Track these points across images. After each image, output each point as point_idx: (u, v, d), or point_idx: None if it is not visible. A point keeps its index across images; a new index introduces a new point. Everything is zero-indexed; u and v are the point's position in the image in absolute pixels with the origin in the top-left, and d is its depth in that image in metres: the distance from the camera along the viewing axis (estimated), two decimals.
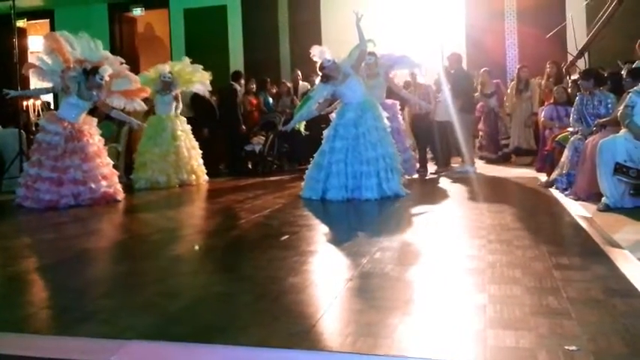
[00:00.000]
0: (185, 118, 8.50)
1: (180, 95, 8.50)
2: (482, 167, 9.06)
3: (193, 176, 8.28)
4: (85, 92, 6.63)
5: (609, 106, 6.02)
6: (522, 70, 9.62)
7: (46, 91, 7.49)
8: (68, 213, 6.03)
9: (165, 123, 8.22)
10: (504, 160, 9.81)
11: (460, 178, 7.92)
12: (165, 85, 8.32)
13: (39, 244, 4.75)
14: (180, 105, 8.52)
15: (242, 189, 7.73)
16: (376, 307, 2.65)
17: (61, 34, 6.86)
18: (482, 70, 9.91)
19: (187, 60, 8.60)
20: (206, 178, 8.48)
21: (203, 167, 8.47)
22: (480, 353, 2.11)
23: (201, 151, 8.48)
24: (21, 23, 13.75)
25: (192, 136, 8.43)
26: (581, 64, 9.05)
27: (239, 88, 9.85)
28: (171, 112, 8.34)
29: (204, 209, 6.67)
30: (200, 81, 8.59)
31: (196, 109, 9.49)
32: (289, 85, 10.88)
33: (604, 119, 5.78)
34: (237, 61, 13.15)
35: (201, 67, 8.66)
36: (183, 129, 8.35)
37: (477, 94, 9.57)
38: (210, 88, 8.86)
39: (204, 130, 9.20)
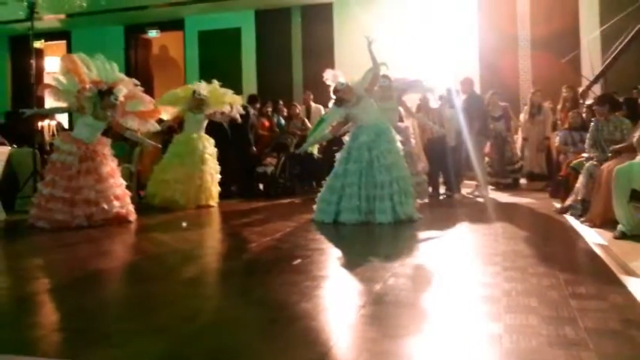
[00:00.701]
0: (213, 141, 8.43)
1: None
2: (494, 193, 9.00)
3: (210, 200, 8.24)
4: (100, 112, 6.68)
5: (624, 131, 5.98)
6: (535, 95, 9.60)
7: (62, 110, 7.56)
8: (80, 233, 6.04)
9: (195, 143, 8.17)
10: (514, 186, 9.65)
11: (473, 203, 7.88)
12: (199, 104, 8.30)
13: (51, 264, 4.75)
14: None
15: (253, 211, 7.72)
16: (389, 335, 2.61)
17: (78, 56, 6.94)
18: (490, 92, 9.80)
19: (216, 83, 8.58)
20: (217, 200, 8.43)
21: (218, 190, 8.42)
22: None
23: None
24: (38, 44, 13.98)
25: (216, 160, 8.38)
26: (596, 89, 9.04)
27: (252, 111, 9.88)
28: (201, 132, 8.33)
29: (215, 231, 6.66)
30: (231, 103, 8.56)
31: (208, 130, 9.53)
32: (299, 107, 10.93)
33: (620, 145, 5.74)
34: (250, 83, 13.27)
35: (231, 91, 8.68)
36: (211, 152, 8.30)
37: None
38: (242, 112, 8.85)
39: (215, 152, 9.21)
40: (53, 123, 11.93)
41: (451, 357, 2.36)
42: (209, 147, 8.29)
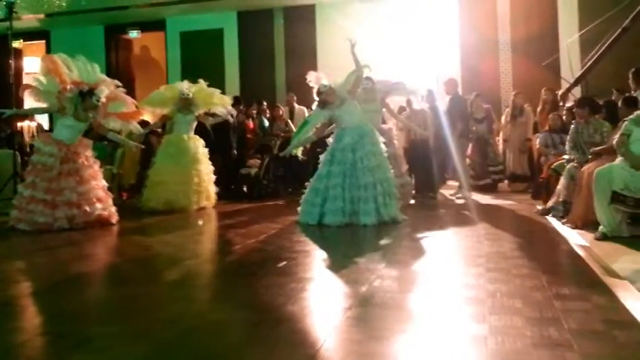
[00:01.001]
0: (203, 141, 8.35)
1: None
2: (476, 195, 9.04)
3: (207, 202, 8.16)
4: (82, 114, 6.61)
5: (604, 134, 6.06)
6: (518, 97, 9.68)
7: (42, 111, 7.48)
8: (62, 236, 5.97)
9: (187, 144, 8.10)
10: (493, 188, 9.56)
11: (456, 205, 7.93)
12: (186, 103, 8.20)
13: (32, 267, 4.69)
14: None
15: (237, 213, 7.69)
16: (376, 337, 2.62)
17: (59, 56, 6.88)
18: (473, 94, 9.80)
19: (203, 83, 8.50)
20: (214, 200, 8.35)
21: (212, 191, 8.34)
22: None
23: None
24: (17, 44, 13.79)
25: (208, 160, 8.31)
26: (576, 91, 9.16)
27: (234, 113, 9.81)
28: (191, 133, 8.26)
29: (198, 233, 6.62)
30: (221, 103, 8.50)
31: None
32: (283, 109, 10.91)
33: (600, 147, 5.82)
34: (233, 84, 13.22)
35: (219, 90, 8.62)
36: (203, 152, 8.22)
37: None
38: (233, 112, 8.79)
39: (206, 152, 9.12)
40: (33, 124, 11.80)
41: (436, 358, 2.37)
42: (200, 147, 8.22)
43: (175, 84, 8.68)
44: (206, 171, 8.18)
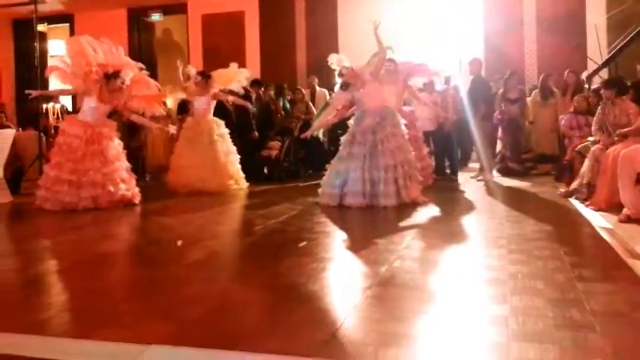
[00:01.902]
0: (222, 122, 8.30)
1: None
2: (498, 177, 8.94)
3: (232, 181, 8.11)
4: (106, 96, 6.68)
5: (631, 115, 5.95)
6: (549, 78, 9.49)
7: (67, 92, 7.55)
8: (87, 216, 6.07)
9: (203, 126, 8.07)
10: (525, 174, 9.09)
11: (478, 187, 7.87)
12: (203, 86, 8.16)
13: (58, 246, 4.79)
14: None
15: (258, 195, 7.73)
16: (396, 317, 2.63)
17: (84, 38, 6.92)
18: (508, 72, 9.41)
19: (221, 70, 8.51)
20: (246, 183, 8.32)
21: (241, 172, 8.29)
22: None
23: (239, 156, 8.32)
24: (41, 27, 13.91)
25: (229, 140, 8.25)
26: (603, 73, 8.97)
27: (254, 95, 9.81)
28: (209, 115, 8.20)
29: (220, 214, 6.66)
30: (237, 78, 8.45)
31: (214, 114, 9.50)
32: (305, 91, 10.89)
33: (626, 129, 5.72)
34: (254, 67, 13.18)
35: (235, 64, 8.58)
36: (221, 134, 8.15)
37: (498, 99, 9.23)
38: (245, 84, 8.73)
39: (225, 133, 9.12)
40: (57, 106, 11.94)
41: (457, 338, 2.37)
42: (217, 129, 8.15)
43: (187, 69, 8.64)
44: (224, 152, 8.10)
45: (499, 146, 9.60)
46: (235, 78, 8.46)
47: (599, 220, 5.02)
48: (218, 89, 8.29)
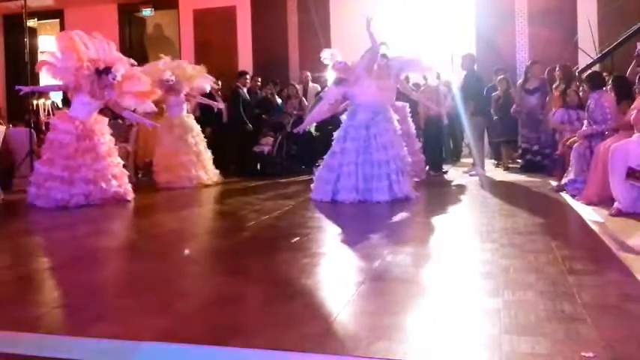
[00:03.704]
0: (193, 118, 8.48)
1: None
2: (491, 171, 8.97)
3: (207, 175, 8.29)
4: (98, 91, 6.63)
5: (607, 110, 5.97)
6: (550, 72, 9.43)
7: (58, 87, 7.49)
8: (79, 212, 6.05)
9: (173, 123, 8.17)
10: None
11: (469, 182, 7.90)
12: (173, 87, 8.19)
13: (50, 243, 4.77)
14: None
15: (251, 190, 7.72)
16: (389, 310, 2.64)
17: (76, 34, 6.86)
18: (529, 62, 9.11)
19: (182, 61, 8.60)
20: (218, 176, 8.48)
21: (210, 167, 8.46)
22: (494, 359, 2.10)
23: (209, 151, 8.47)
24: (32, 23, 13.81)
25: (202, 137, 8.44)
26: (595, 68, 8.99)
27: (242, 88, 9.81)
28: (182, 113, 8.31)
29: (213, 210, 6.67)
30: (199, 75, 8.50)
31: (201, 107, 9.49)
32: (297, 87, 10.87)
33: (617, 123, 5.75)
34: (245, 62, 13.15)
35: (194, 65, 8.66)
36: (189, 129, 8.30)
37: (511, 90, 9.03)
38: (213, 80, 8.81)
39: (206, 130, 9.13)
40: (48, 102, 11.87)
41: (450, 331, 2.39)
42: (187, 125, 8.28)
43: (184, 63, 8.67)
44: (193, 149, 8.22)
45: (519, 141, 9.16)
46: (199, 74, 8.48)
47: (591, 214, 5.05)
48: (190, 88, 8.36)
